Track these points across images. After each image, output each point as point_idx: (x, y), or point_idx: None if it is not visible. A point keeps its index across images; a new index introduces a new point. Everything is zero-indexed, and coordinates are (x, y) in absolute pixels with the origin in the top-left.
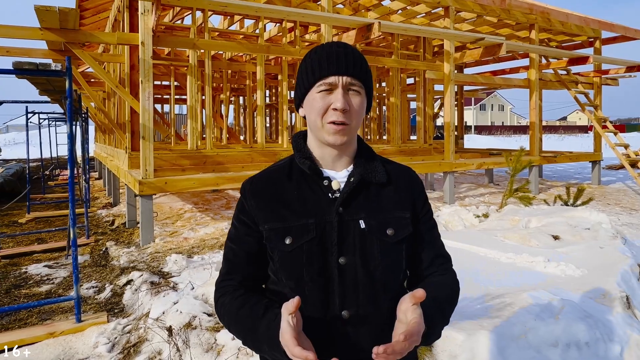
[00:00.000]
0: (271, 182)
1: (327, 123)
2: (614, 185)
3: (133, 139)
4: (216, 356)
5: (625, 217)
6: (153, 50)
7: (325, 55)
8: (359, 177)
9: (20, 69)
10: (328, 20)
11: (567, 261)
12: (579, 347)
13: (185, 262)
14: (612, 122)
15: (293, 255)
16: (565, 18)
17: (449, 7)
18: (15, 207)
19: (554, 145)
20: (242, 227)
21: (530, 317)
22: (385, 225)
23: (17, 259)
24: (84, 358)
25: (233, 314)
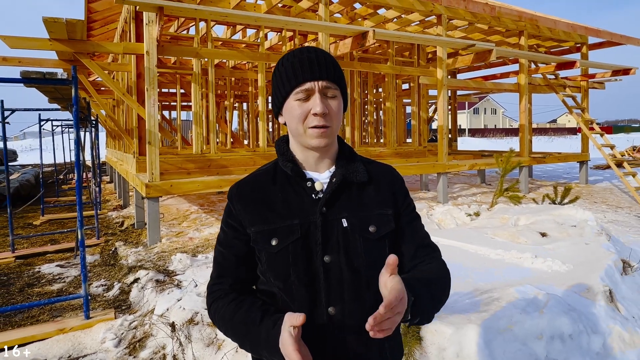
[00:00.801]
0: (256, 186)
1: (308, 128)
2: (600, 184)
3: (140, 144)
4: (217, 350)
5: (611, 215)
6: (159, 59)
7: (298, 63)
8: (341, 178)
9: (27, 78)
10: (325, 29)
11: (553, 257)
12: (562, 339)
13: (190, 261)
14: (600, 124)
15: (279, 255)
16: (553, 25)
17: (442, 15)
18: (30, 209)
19: (544, 147)
20: (230, 231)
21: (516, 311)
22: (367, 223)
23: (31, 259)
24: (92, 353)
25: (228, 319)
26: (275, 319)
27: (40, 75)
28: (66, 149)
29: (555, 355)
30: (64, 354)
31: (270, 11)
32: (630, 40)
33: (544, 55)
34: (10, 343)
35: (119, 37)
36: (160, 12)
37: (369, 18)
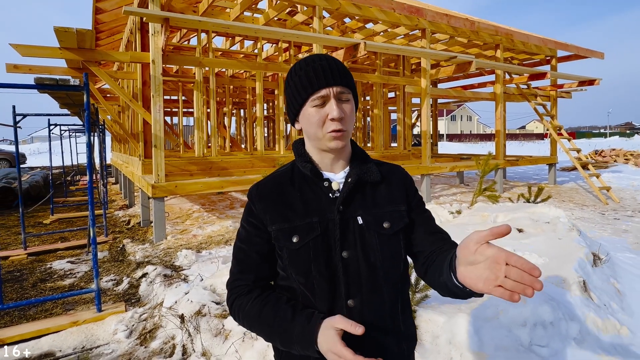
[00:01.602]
0: (275, 186)
1: (327, 132)
2: (567, 184)
3: (146, 147)
4: (224, 340)
5: (578, 212)
6: (162, 67)
7: (312, 71)
8: (356, 178)
9: (41, 84)
10: (320, 41)
11: (530, 251)
12: (544, 326)
13: (195, 257)
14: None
15: (300, 252)
16: (526, 39)
17: (425, 29)
18: (40, 209)
19: (515, 151)
20: (251, 229)
21: (501, 301)
22: (381, 220)
23: (43, 256)
24: (104, 344)
25: (254, 315)
26: (308, 315)
27: (53, 82)
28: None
29: (538, 341)
30: (77, 345)
31: (267, 24)
32: (594, 53)
33: (518, 67)
34: (26, 335)
35: (124, 46)
36: (166, 23)
37: (358, 31)
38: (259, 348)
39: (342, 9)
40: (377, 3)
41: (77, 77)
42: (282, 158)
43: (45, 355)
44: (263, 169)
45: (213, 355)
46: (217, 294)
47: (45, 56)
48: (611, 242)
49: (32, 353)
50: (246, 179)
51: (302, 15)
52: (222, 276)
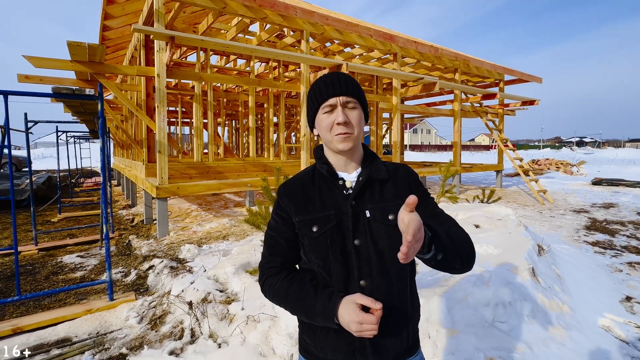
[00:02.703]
0: (299, 185)
1: (334, 135)
2: (511, 188)
3: (149, 152)
4: (229, 323)
5: (521, 211)
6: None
7: (323, 84)
8: (366, 177)
9: (58, 93)
10: (307, 61)
11: (487, 244)
12: (504, 305)
13: (197, 250)
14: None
15: (319, 239)
16: (480, 64)
17: (397, 53)
18: (48, 209)
19: (467, 159)
20: (279, 219)
21: (468, 285)
22: (387, 212)
23: (53, 251)
24: (117, 329)
25: (283, 294)
26: (329, 293)
27: (70, 91)
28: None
29: (499, 318)
30: (92, 330)
31: (260, 44)
32: (534, 78)
33: (473, 88)
34: (43, 323)
35: (127, 61)
36: (171, 41)
37: (338, 54)
38: (261, 329)
39: (326, 33)
40: (356, 30)
41: (85, 87)
42: (271, 163)
43: (62, 341)
44: (254, 172)
45: (219, 336)
46: (220, 283)
47: (57, 68)
48: (549, 235)
49: (49, 339)
50: (240, 182)
51: (290, 39)
52: (224, 267)
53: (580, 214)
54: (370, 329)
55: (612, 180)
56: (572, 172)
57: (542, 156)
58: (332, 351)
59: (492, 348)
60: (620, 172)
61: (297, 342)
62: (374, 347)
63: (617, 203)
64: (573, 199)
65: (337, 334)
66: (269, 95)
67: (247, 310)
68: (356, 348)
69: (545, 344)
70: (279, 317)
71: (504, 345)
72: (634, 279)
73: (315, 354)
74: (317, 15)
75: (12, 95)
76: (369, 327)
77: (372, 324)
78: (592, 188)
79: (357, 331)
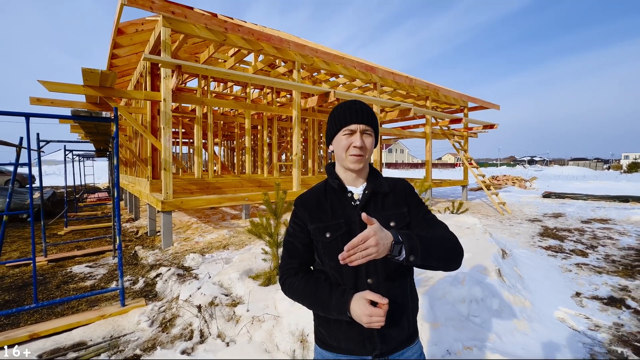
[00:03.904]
0: (313, 197)
1: (349, 155)
2: (475, 201)
3: (154, 170)
4: (235, 324)
5: (485, 221)
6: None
7: (348, 110)
8: (371, 190)
9: (77, 115)
10: (299, 88)
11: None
12: (477, 301)
13: (201, 259)
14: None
15: (332, 244)
16: (448, 93)
17: (377, 82)
18: (54, 223)
19: (436, 176)
20: (297, 227)
21: (446, 284)
22: (388, 220)
23: (62, 262)
24: (130, 332)
25: (301, 292)
26: (342, 290)
27: (87, 114)
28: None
29: (473, 312)
30: (106, 334)
31: (255, 73)
32: (493, 105)
33: (442, 114)
34: (59, 329)
35: (132, 86)
36: (177, 69)
37: (325, 82)
38: (265, 328)
39: (315, 64)
40: (342, 62)
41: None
42: (265, 180)
43: (78, 345)
44: (250, 188)
45: (227, 336)
46: (225, 288)
47: (70, 92)
48: (510, 242)
49: (65, 343)
50: (238, 196)
51: (283, 68)
52: (228, 273)
53: (534, 222)
54: (379, 321)
55: (560, 193)
56: (526, 187)
57: (500, 173)
58: (345, 341)
59: (468, 338)
60: (566, 186)
61: (298, 338)
62: (381, 336)
63: (564, 213)
64: (528, 209)
65: (349, 326)
66: (263, 118)
67: (252, 312)
68: (366, 337)
69: (512, 334)
70: (282, 317)
71: (478, 336)
72: (581, 277)
73: (330, 343)
74: (308, 49)
75: (33, 117)
76: (378, 319)
77: (380, 316)
78: (543, 200)
79: (368, 323)
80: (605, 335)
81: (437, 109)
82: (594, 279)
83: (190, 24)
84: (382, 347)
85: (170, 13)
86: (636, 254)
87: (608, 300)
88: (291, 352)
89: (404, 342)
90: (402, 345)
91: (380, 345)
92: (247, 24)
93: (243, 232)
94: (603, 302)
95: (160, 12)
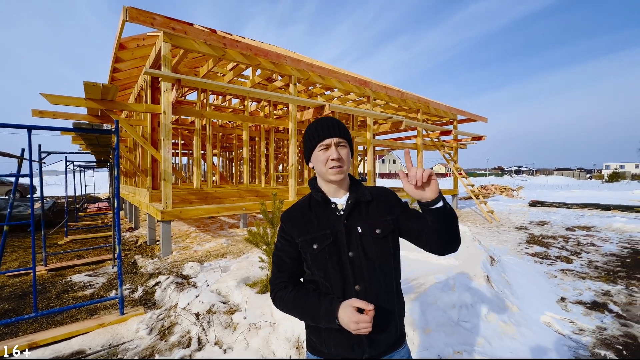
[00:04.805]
0: (298, 211)
1: (329, 168)
2: (464, 209)
3: (153, 180)
4: (233, 331)
5: (474, 228)
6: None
7: (320, 126)
8: (354, 200)
9: (79, 128)
10: (295, 102)
11: (450, 256)
12: (467, 307)
13: (199, 267)
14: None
15: (320, 255)
16: (438, 106)
17: (370, 96)
18: (54, 232)
19: None
20: (284, 241)
21: (437, 290)
22: (374, 228)
23: (62, 271)
24: (129, 340)
25: (291, 304)
26: (330, 299)
27: (89, 126)
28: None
29: (463, 318)
30: (105, 343)
31: (253, 87)
32: (481, 118)
33: (432, 126)
34: (58, 337)
35: (133, 99)
36: (178, 83)
37: (320, 96)
38: (262, 335)
39: (310, 78)
40: (336, 76)
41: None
42: (263, 189)
43: (77, 353)
44: (248, 197)
45: (225, 343)
46: (223, 296)
47: (72, 105)
48: (498, 249)
49: (64, 352)
50: (236, 206)
51: (279, 82)
52: (226, 282)
53: (521, 230)
54: (366, 327)
55: (545, 202)
56: (513, 196)
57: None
58: (335, 347)
59: (458, 343)
60: (551, 195)
61: (294, 345)
62: (370, 340)
63: (549, 221)
64: (515, 217)
65: (339, 333)
66: (261, 130)
67: (249, 319)
68: (355, 342)
69: (500, 338)
70: (278, 324)
71: (468, 340)
72: (566, 283)
73: (321, 349)
74: (304, 64)
75: (35, 129)
76: (364, 325)
77: (366, 322)
78: (529, 209)
79: (355, 330)
80: (589, 339)
81: (427, 122)
82: (578, 284)
83: (190, 40)
84: (371, 351)
85: (171, 29)
86: (618, 260)
87: (591, 304)
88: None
89: (392, 345)
90: (391, 349)
91: (369, 349)
92: (245, 40)
93: (241, 240)
94: (587, 307)
95: (161, 28)
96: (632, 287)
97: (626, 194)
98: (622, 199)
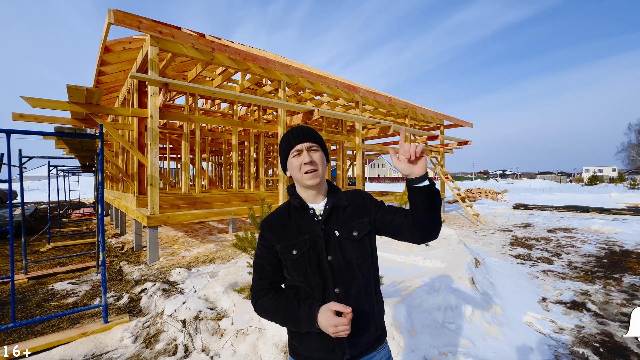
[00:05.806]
0: (277, 218)
1: (304, 173)
2: (451, 212)
3: (140, 185)
4: (220, 337)
5: (460, 231)
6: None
7: (291, 135)
8: (332, 205)
9: (61, 132)
10: (285, 106)
11: (435, 258)
12: (452, 309)
13: (187, 273)
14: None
15: (299, 260)
16: (425, 112)
17: (358, 101)
18: (36, 239)
19: None
20: (264, 249)
21: (423, 293)
22: (350, 230)
23: (44, 279)
24: (112, 350)
25: (272, 310)
26: (309, 304)
27: (71, 130)
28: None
29: (448, 320)
30: (88, 352)
31: (242, 91)
32: (466, 123)
33: (420, 131)
34: (37, 348)
35: (120, 103)
36: (165, 87)
37: (309, 101)
38: (250, 341)
39: (300, 83)
40: (325, 81)
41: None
42: (252, 194)
43: None
44: (237, 202)
45: (211, 350)
46: (210, 302)
47: (54, 108)
48: (482, 251)
49: None
50: (225, 211)
51: (269, 87)
52: (213, 287)
53: (505, 232)
54: (344, 330)
55: (528, 204)
56: (498, 199)
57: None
58: (316, 350)
59: (444, 345)
60: (534, 198)
61: (281, 350)
62: (350, 341)
63: (532, 223)
64: (500, 220)
65: (319, 336)
66: (250, 135)
67: (236, 325)
68: (336, 344)
69: (484, 339)
70: (266, 329)
71: (453, 342)
72: (547, 283)
73: (303, 354)
74: (293, 69)
75: (14, 134)
76: (343, 328)
77: (345, 325)
78: (513, 211)
79: (334, 333)
80: (569, 337)
81: (415, 127)
82: (558, 285)
83: (177, 44)
84: (352, 351)
85: (158, 33)
86: (596, 260)
87: (571, 304)
88: None
89: (373, 344)
90: (372, 347)
91: (350, 350)
92: (234, 44)
93: (230, 245)
94: (566, 306)
95: (147, 32)
96: (608, 287)
97: (604, 196)
98: (600, 201)
